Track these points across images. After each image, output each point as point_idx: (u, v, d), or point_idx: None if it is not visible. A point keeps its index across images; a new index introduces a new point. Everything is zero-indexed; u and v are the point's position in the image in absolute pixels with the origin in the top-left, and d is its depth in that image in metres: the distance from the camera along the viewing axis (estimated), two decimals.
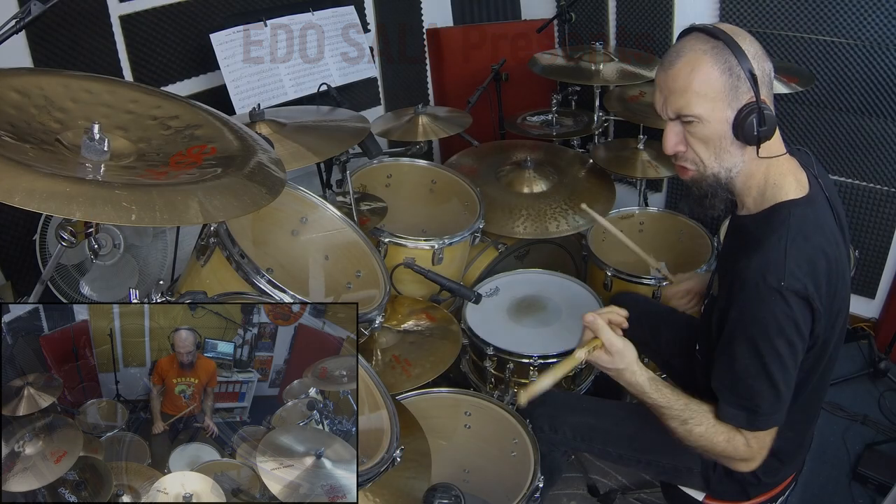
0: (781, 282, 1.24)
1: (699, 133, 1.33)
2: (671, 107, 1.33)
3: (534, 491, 1.58)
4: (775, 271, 1.25)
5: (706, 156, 1.35)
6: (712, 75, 1.28)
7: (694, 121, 1.31)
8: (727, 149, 1.33)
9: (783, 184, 1.36)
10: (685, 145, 1.37)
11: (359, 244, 1.91)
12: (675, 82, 1.31)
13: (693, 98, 1.29)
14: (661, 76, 1.35)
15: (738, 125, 1.30)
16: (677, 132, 1.36)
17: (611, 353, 1.45)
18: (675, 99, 1.32)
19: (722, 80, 1.28)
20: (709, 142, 1.33)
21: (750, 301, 1.29)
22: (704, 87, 1.28)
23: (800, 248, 1.27)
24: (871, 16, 2.40)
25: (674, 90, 1.31)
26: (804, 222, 1.31)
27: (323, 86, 2.57)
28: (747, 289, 1.28)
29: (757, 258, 1.29)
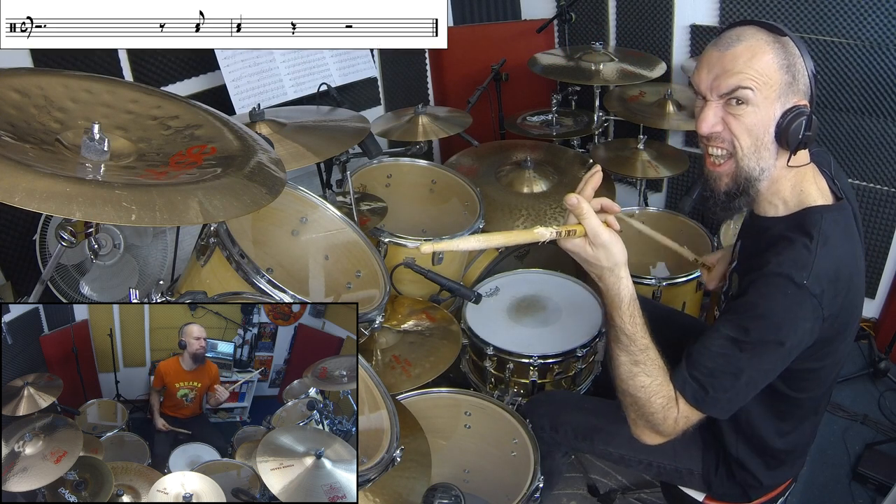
0: (805, 280, 1.21)
1: (745, 118, 1.25)
2: (723, 85, 1.24)
3: (534, 491, 1.58)
4: (802, 269, 1.21)
5: (746, 144, 1.27)
6: (773, 66, 1.22)
7: (744, 102, 1.23)
8: (766, 146, 1.27)
9: (809, 190, 1.32)
10: (723, 126, 1.28)
11: (359, 244, 1.91)
12: (732, 63, 1.23)
13: (751, 78, 1.22)
14: (715, 55, 1.25)
15: (782, 125, 1.24)
16: (718, 113, 1.27)
17: (594, 244, 1.22)
18: (730, 77, 1.23)
19: (779, 74, 1.22)
20: (752, 130, 1.25)
21: (764, 288, 1.24)
22: (763, 75, 1.21)
23: (828, 254, 1.24)
24: (871, 16, 2.40)
25: (730, 70, 1.23)
26: (835, 228, 1.27)
27: (323, 86, 2.57)
28: (768, 276, 1.23)
29: (787, 254, 1.24)
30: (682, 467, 1.61)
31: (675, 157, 2.69)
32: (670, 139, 3.18)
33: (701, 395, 1.28)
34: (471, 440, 1.92)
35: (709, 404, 1.28)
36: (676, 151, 2.78)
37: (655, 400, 1.30)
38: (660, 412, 1.30)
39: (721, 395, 1.27)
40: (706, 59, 1.28)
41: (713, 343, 1.28)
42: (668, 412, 1.30)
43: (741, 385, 1.27)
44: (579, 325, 2.12)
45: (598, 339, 2.09)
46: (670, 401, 1.30)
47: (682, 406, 1.30)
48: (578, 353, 2.02)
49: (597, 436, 1.67)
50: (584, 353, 2.03)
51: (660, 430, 1.33)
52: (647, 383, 1.30)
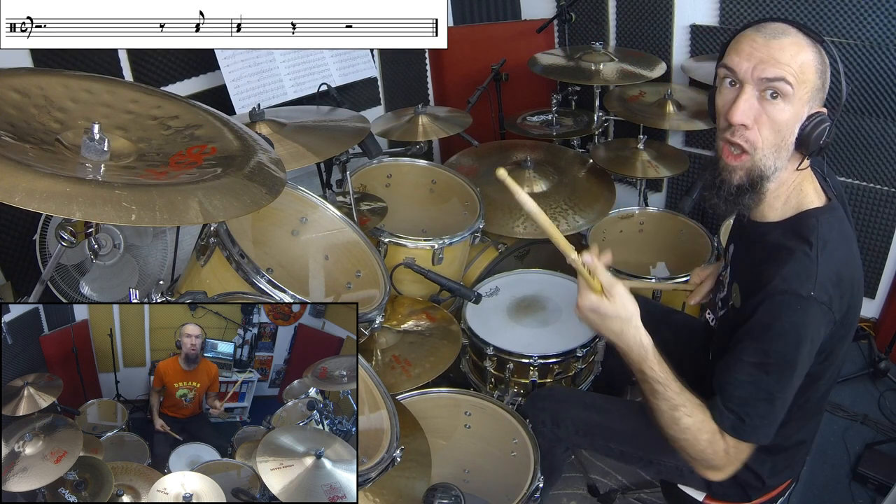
0: (812, 292, 1.21)
1: (778, 114, 1.23)
2: (768, 71, 1.21)
3: (534, 491, 1.58)
4: (807, 281, 1.22)
5: (770, 141, 1.26)
6: (811, 67, 1.22)
7: (780, 96, 1.22)
8: (788, 145, 1.27)
9: (806, 191, 1.33)
10: (753, 121, 1.25)
11: (359, 244, 1.91)
12: (779, 52, 1.20)
13: (794, 73, 1.20)
14: (760, 41, 1.22)
15: (807, 129, 1.25)
16: (753, 104, 1.24)
17: (611, 294, 1.25)
18: (774, 66, 1.20)
19: (815, 77, 1.23)
20: (781, 128, 1.24)
21: (774, 309, 1.24)
22: (803, 73, 1.21)
23: (829, 259, 1.24)
24: (871, 16, 2.40)
25: (776, 58, 1.20)
26: (831, 231, 1.28)
27: (323, 86, 2.57)
28: (774, 296, 1.23)
29: (789, 267, 1.24)
30: (684, 465, 1.61)
31: (675, 157, 2.69)
32: (670, 139, 3.18)
33: (739, 425, 1.28)
34: (471, 440, 1.92)
35: (749, 433, 1.29)
36: (676, 151, 2.78)
37: (702, 437, 1.30)
38: (708, 448, 1.30)
39: (759, 421, 1.28)
40: (748, 42, 1.24)
41: (739, 372, 1.28)
42: (717, 446, 1.30)
43: (777, 408, 1.27)
44: (579, 325, 2.10)
45: (598, 339, 2.09)
46: (715, 434, 1.30)
47: (727, 439, 1.31)
48: (578, 353, 2.02)
49: (598, 432, 1.66)
50: (584, 353, 2.03)
51: (714, 465, 1.33)
52: (689, 424, 1.30)
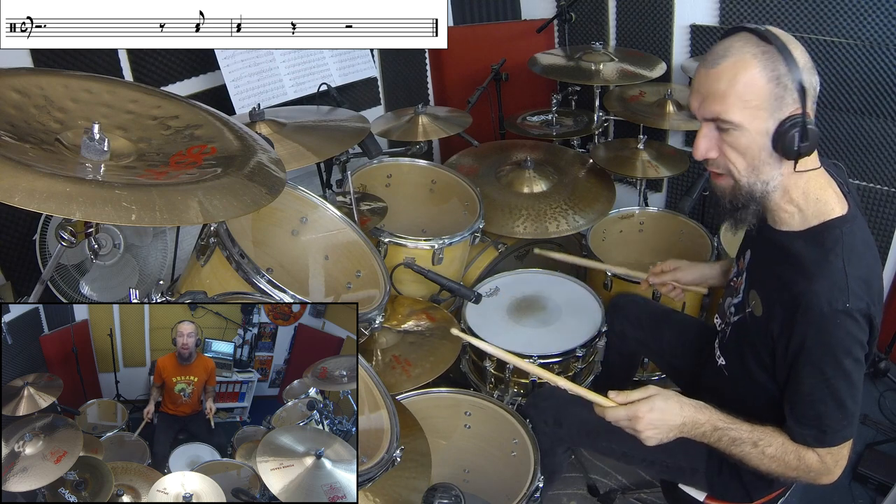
0: (847, 304, 1.22)
1: (736, 142, 1.25)
2: (708, 109, 1.25)
3: (534, 491, 1.58)
4: (840, 295, 1.23)
5: (741, 166, 1.28)
6: (758, 81, 1.20)
7: (731, 128, 1.23)
8: (765, 161, 1.26)
9: (826, 199, 1.31)
10: (718, 152, 1.29)
11: (359, 244, 1.91)
12: (716, 83, 1.22)
13: (734, 103, 1.21)
14: (702, 75, 1.25)
15: (778, 138, 1.22)
16: (711, 136, 1.28)
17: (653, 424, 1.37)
18: (713, 102, 1.23)
19: (768, 89, 1.20)
20: (745, 152, 1.26)
21: (816, 327, 1.25)
22: (748, 93, 1.20)
23: (857, 267, 1.25)
24: (871, 16, 2.40)
25: (714, 92, 1.23)
26: (855, 240, 1.28)
27: (323, 86, 2.57)
28: (812, 314, 1.24)
29: (820, 283, 1.25)
30: (686, 465, 1.61)
31: (675, 157, 2.69)
32: (670, 139, 3.18)
33: (821, 436, 1.32)
34: (471, 440, 1.92)
35: (832, 439, 1.31)
36: (676, 151, 2.78)
37: (789, 458, 1.34)
38: (801, 464, 1.34)
39: (837, 425, 1.30)
40: (695, 79, 1.28)
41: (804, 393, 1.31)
42: (808, 460, 1.34)
43: (849, 407, 1.30)
44: (579, 325, 2.12)
45: (598, 339, 2.09)
46: (799, 450, 1.34)
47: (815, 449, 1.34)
48: (578, 353, 2.02)
49: (600, 431, 1.66)
50: (584, 353, 2.02)
51: (817, 475, 1.36)
52: (773, 451, 1.35)
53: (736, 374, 1.52)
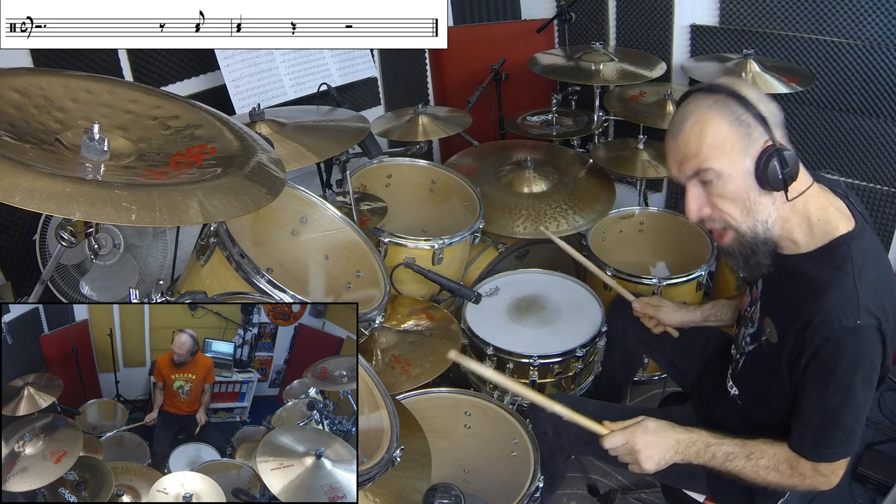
0: (858, 320, 1.22)
1: (723, 191, 1.27)
2: (688, 169, 1.29)
3: (534, 491, 1.58)
4: (850, 311, 1.23)
5: (736, 213, 1.29)
6: (722, 129, 1.24)
7: (714, 179, 1.26)
8: (756, 201, 1.28)
9: (828, 218, 1.31)
10: (710, 207, 1.31)
11: (359, 244, 1.91)
12: (686, 146, 1.27)
13: (709, 154, 1.25)
14: (672, 144, 1.31)
15: (760, 173, 1.25)
16: (698, 195, 1.30)
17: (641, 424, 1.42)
18: (690, 161, 1.28)
19: (733, 130, 1.24)
20: (735, 198, 1.27)
21: (826, 343, 1.25)
22: (718, 141, 1.24)
23: (867, 283, 1.25)
24: (871, 16, 2.40)
25: (687, 154, 1.28)
26: (865, 255, 1.28)
27: (323, 86, 2.57)
28: (823, 331, 1.25)
29: (830, 300, 1.25)
30: (685, 470, 1.61)
31: None
32: None
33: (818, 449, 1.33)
34: (471, 440, 1.92)
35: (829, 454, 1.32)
36: None
37: (782, 468, 1.36)
38: (795, 473, 1.35)
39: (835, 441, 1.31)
40: (667, 150, 1.34)
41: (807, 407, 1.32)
42: (802, 469, 1.35)
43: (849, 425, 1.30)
44: (579, 324, 2.12)
45: (598, 339, 2.09)
46: (792, 459, 1.36)
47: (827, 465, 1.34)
48: (578, 353, 2.02)
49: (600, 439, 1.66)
50: (584, 353, 2.03)
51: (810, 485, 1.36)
52: (766, 462, 1.37)
53: (749, 404, 1.51)
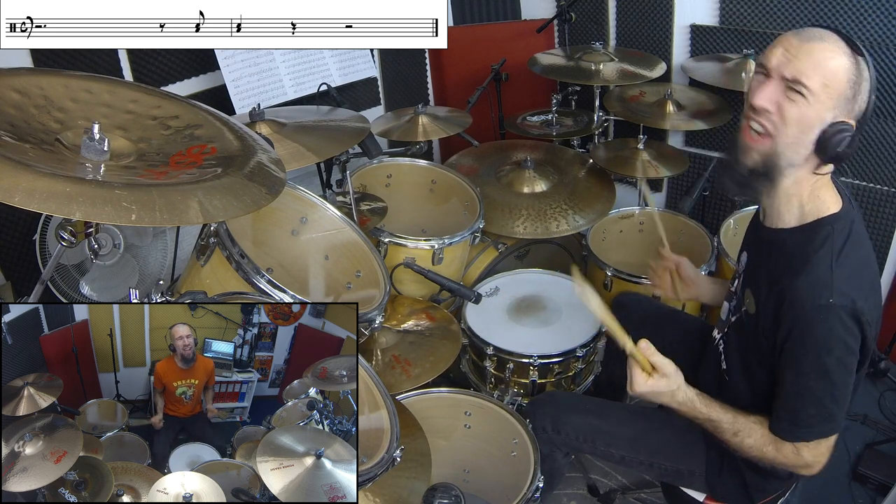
0: (830, 299, 1.24)
1: (799, 109, 1.26)
2: (794, 67, 1.25)
3: (534, 491, 1.58)
4: (824, 290, 1.25)
5: (788, 132, 1.28)
6: (843, 75, 1.25)
7: (803, 95, 1.25)
8: (805, 143, 1.28)
9: (825, 196, 1.34)
10: (776, 108, 1.29)
11: (359, 244, 1.91)
12: (809, 54, 1.25)
13: (819, 76, 1.24)
14: (795, 42, 1.27)
15: (828, 133, 1.26)
16: (778, 93, 1.28)
17: (666, 374, 1.43)
18: (800, 64, 1.25)
19: (846, 87, 1.25)
20: (799, 122, 1.27)
21: (799, 321, 1.28)
22: (832, 76, 1.24)
23: (845, 264, 1.27)
24: (871, 16, 2.40)
25: (805, 59, 1.25)
26: (846, 237, 1.30)
27: (323, 86, 2.57)
28: (796, 308, 1.28)
29: (805, 277, 1.27)
30: (685, 468, 1.61)
31: (675, 157, 2.69)
32: (670, 139, 3.17)
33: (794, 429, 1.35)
34: (471, 440, 1.92)
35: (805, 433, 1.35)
36: (676, 151, 2.78)
37: (767, 450, 1.40)
38: (778, 455, 1.39)
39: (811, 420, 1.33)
40: (784, 41, 1.29)
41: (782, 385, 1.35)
42: (785, 451, 1.38)
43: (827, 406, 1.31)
44: (579, 325, 2.12)
45: (598, 339, 2.09)
46: (777, 442, 1.39)
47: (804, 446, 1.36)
48: (578, 353, 2.02)
49: (598, 437, 1.67)
50: (584, 353, 2.03)
51: (793, 466, 1.39)
52: (752, 442, 1.41)
53: (737, 377, 1.52)
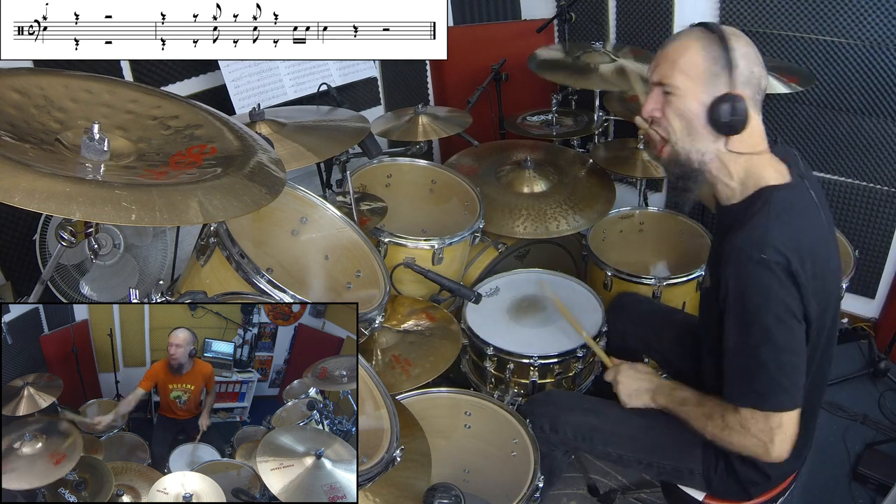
0: (763, 254, 1.29)
1: (675, 104, 1.42)
2: (658, 73, 1.46)
3: (534, 491, 1.58)
4: (757, 245, 1.31)
5: (678, 128, 1.44)
6: (697, 58, 1.39)
7: (672, 90, 1.42)
8: (699, 131, 1.42)
9: (765, 173, 1.42)
10: (661, 112, 1.46)
11: (359, 244, 1.91)
12: (666, 56, 1.44)
13: (676, 71, 1.41)
14: (660, 51, 1.48)
15: (711, 110, 1.39)
16: (657, 99, 1.46)
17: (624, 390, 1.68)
18: (662, 67, 1.45)
19: (704, 66, 1.39)
20: (682, 116, 1.42)
21: (735, 277, 1.34)
22: (688, 66, 1.40)
23: (781, 226, 1.33)
24: (871, 16, 2.40)
25: (663, 61, 1.45)
26: (785, 203, 1.37)
27: (323, 86, 2.57)
28: (732, 263, 1.34)
29: (740, 234, 1.34)
30: (683, 466, 1.62)
31: None
32: None
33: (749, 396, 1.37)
34: (471, 440, 1.92)
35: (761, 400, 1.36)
36: None
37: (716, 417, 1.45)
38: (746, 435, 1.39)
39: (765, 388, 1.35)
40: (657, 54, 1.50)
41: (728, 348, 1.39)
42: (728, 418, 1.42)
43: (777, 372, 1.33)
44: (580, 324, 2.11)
45: (598, 339, 2.09)
46: (725, 408, 1.43)
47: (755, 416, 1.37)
48: (578, 353, 2.02)
49: (596, 436, 1.67)
50: (584, 353, 2.02)
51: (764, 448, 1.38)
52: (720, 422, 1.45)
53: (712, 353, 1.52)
